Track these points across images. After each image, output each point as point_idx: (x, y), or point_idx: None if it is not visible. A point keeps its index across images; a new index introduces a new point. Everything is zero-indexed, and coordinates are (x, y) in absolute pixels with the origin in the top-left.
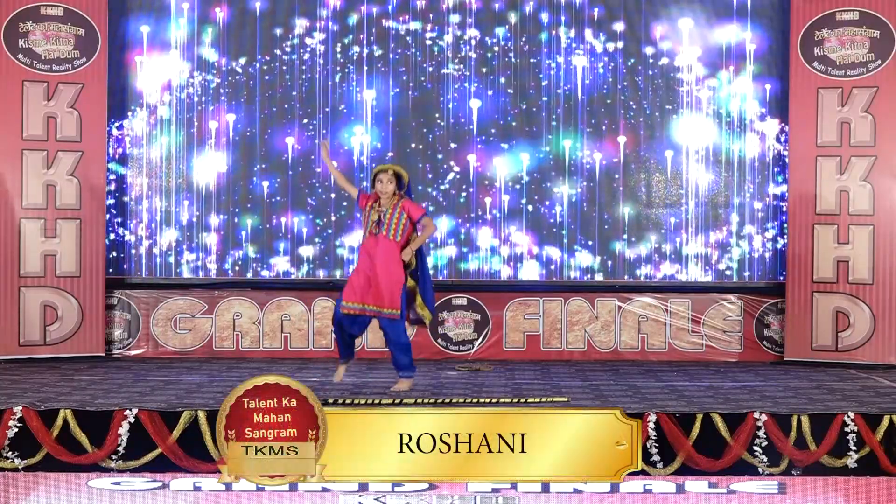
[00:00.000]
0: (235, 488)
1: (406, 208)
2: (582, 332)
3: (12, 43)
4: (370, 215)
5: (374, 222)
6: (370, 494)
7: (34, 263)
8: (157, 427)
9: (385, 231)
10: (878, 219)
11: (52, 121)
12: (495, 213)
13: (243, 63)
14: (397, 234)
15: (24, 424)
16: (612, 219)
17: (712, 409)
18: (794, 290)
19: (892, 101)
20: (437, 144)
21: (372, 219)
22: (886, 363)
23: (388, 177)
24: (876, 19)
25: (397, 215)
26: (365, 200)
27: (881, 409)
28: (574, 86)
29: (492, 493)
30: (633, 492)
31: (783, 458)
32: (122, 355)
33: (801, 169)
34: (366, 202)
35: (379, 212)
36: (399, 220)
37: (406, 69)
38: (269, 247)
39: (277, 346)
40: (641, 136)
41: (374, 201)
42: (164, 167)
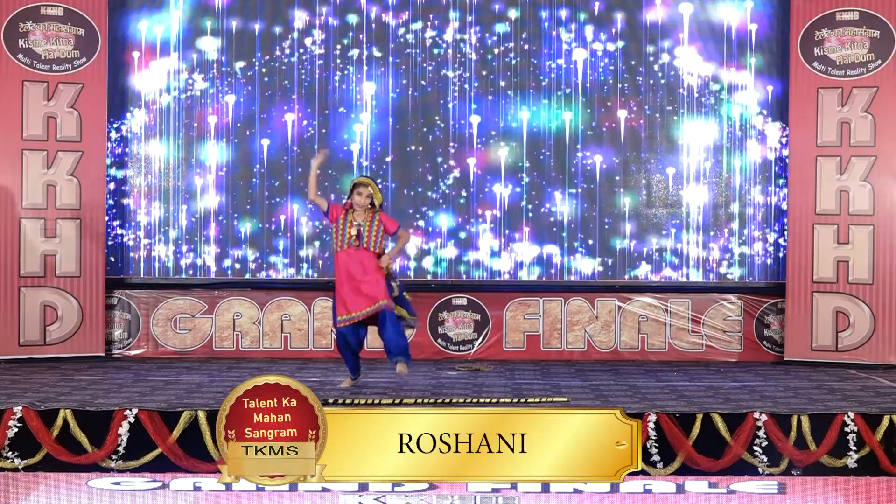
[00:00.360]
0: (235, 488)
1: (382, 221)
2: (582, 332)
3: (12, 43)
4: (347, 229)
5: (353, 236)
6: (370, 494)
7: (34, 263)
8: (157, 427)
9: (365, 243)
10: (878, 219)
11: (52, 121)
12: (495, 214)
13: (243, 63)
14: (376, 245)
15: (24, 424)
16: (613, 219)
17: (712, 409)
18: (794, 290)
19: (892, 101)
20: (437, 145)
21: (350, 233)
22: (886, 363)
23: (367, 191)
24: (876, 19)
25: (375, 227)
26: (337, 211)
27: (881, 409)
28: (575, 86)
29: (492, 493)
30: (633, 492)
31: (783, 458)
32: (122, 355)
33: (801, 169)
34: (338, 213)
35: (357, 226)
36: (378, 233)
37: (406, 69)
38: (269, 247)
39: (277, 346)
40: (642, 136)
41: (346, 213)
42: (163, 167)
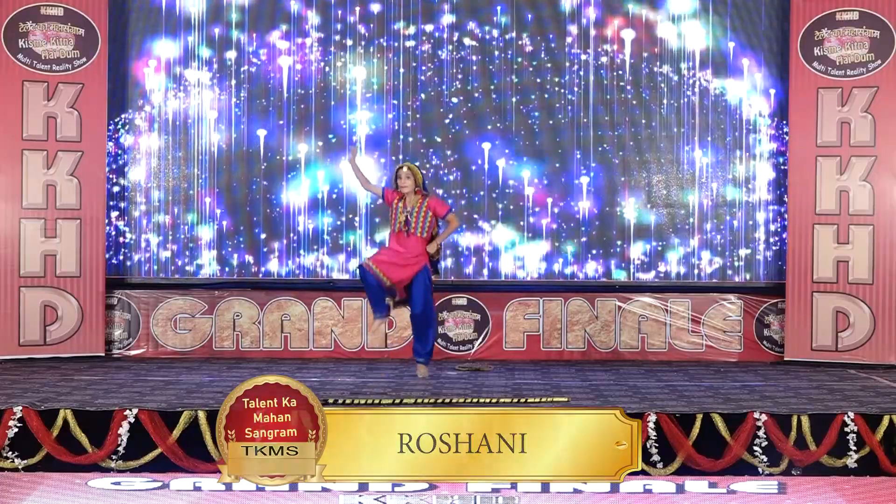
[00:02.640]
0: (235, 488)
1: (432, 206)
2: (582, 332)
3: (12, 43)
4: (398, 215)
5: (402, 223)
6: (370, 494)
7: (34, 263)
8: (157, 427)
9: (413, 229)
10: (878, 219)
11: (52, 121)
12: (495, 214)
13: (243, 63)
14: (424, 230)
15: (24, 424)
16: (613, 219)
17: (712, 409)
18: (794, 290)
19: (892, 101)
20: (438, 145)
21: (400, 220)
22: (886, 363)
23: (404, 172)
24: (876, 19)
25: (423, 213)
26: (391, 196)
27: (881, 409)
28: (575, 86)
29: (492, 493)
30: (633, 492)
31: (783, 458)
32: (122, 355)
33: (801, 169)
34: (392, 197)
35: (406, 212)
36: (426, 218)
37: (406, 69)
38: (269, 247)
39: (277, 346)
40: (642, 136)
41: (399, 198)
42: (164, 166)
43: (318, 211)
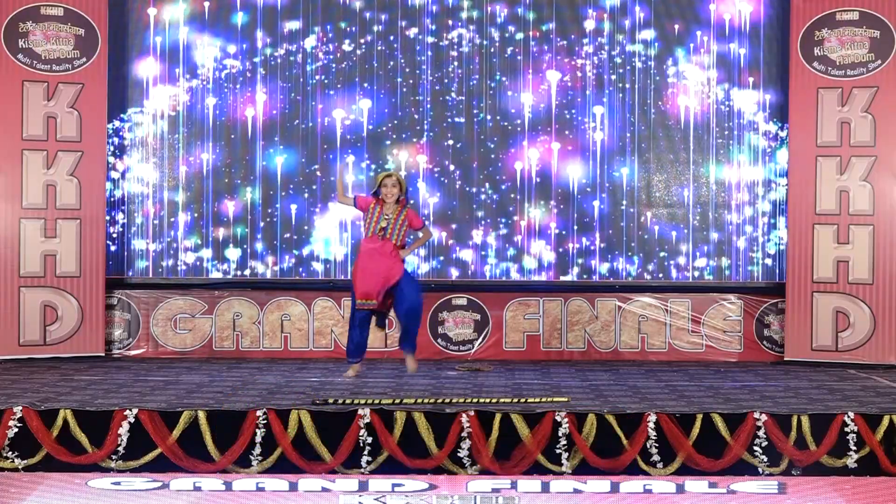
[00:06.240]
0: (235, 488)
1: (409, 217)
2: (582, 332)
3: (12, 43)
4: (377, 222)
5: (381, 229)
6: (370, 494)
7: (34, 263)
8: (157, 427)
9: (389, 236)
10: (878, 219)
11: (52, 121)
12: (495, 214)
13: (243, 63)
14: (399, 238)
15: (24, 424)
16: (613, 219)
17: (712, 409)
18: (794, 290)
19: (892, 101)
20: (438, 145)
21: (380, 225)
22: (886, 363)
23: (392, 181)
24: (876, 19)
25: (401, 222)
26: (365, 202)
27: (881, 409)
28: (575, 85)
29: (492, 493)
30: (633, 492)
31: (783, 458)
32: (122, 355)
33: (801, 169)
34: (368, 203)
35: (386, 219)
36: (402, 227)
37: (407, 70)
38: (269, 247)
39: (277, 347)
40: (642, 136)
41: (376, 205)
42: (164, 167)
43: (318, 211)
